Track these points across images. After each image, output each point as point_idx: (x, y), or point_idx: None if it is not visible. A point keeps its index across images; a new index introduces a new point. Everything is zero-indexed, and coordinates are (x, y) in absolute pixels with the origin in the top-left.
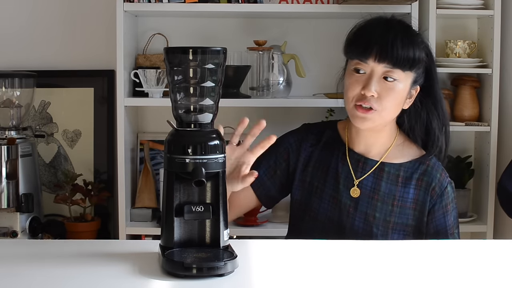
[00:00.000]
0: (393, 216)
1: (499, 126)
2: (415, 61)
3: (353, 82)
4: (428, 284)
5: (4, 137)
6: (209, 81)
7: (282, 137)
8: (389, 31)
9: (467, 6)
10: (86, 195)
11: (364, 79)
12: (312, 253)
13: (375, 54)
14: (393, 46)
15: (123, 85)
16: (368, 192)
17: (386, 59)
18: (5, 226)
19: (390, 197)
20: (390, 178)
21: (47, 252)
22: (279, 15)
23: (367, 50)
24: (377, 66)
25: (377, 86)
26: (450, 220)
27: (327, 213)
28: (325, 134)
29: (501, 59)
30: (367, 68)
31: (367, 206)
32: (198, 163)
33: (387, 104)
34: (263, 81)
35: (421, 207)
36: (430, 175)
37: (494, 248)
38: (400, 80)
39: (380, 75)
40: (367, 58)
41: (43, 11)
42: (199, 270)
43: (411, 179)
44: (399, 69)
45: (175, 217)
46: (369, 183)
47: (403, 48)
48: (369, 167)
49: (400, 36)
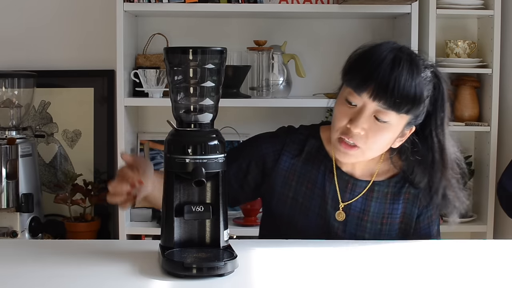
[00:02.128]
0: (383, 235)
1: (499, 126)
2: (414, 104)
3: (342, 113)
4: (428, 284)
5: (4, 137)
6: (209, 81)
7: (260, 140)
8: (393, 69)
9: (467, 6)
10: (86, 195)
11: (353, 112)
12: (312, 253)
13: (372, 91)
14: (393, 87)
15: (123, 85)
16: (357, 214)
17: (381, 98)
18: (5, 226)
19: (379, 216)
20: (379, 197)
21: (47, 252)
22: (279, 15)
23: (364, 83)
24: (371, 103)
25: (366, 124)
26: (434, 230)
27: (315, 231)
28: (308, 143)
29: (501, 59)
30: (359, 101)
31: (356, 228)
32: (198, 163)
33: (373, 145)
34: (263, 81)
35: (408, 220)
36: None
37: (494, 248)
38: (392, 122)
39: (372, 112)
40: (362, 92)
41: (43, 11)
42: (199, 270)
43: (400, 194)
44: (394, 112)
45: (175, 217)
46: (358, 204)
47: (403, 90)
48: (359, 188)
49: (403, 75)
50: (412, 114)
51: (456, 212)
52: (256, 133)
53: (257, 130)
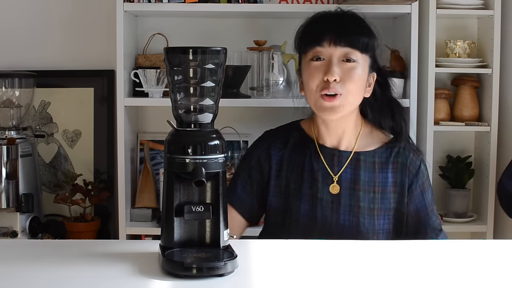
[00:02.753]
0: (376, 203)
1: (499, 126)
2: (370, 43)
3: (313, 70)
4: (428, 284)
5: (4, 137)
6: (209, 81)
7: (250, 151)
8: (341, 17)
9: (467, 6)
10: (86, 195)
11: (324, 65)
12: (312, 253)
13: (331, 37)
14: (348, 28)
15: (123, 85)
16: (348, 184)
17: (342, 40)
18: (5, 226)
19: (371, 185)
20: (367, 166)
21: (47, 252)
22: (279, 15)
23: (322, 34)
24: (335, 49)
25: (339, 70)
26: (428, 198)
27: (308, 213)
28: (292, 135)
29: (501, 59)
30: (325, 53)
31: (350, 198)
32: (198, 163)
33: (351, 86)
34: (263, 81)
35: (401, 189)
36: (403, 156)
37: (494, 248)
38: (359, 62)
39: (339, 57)
40: (323, 41)
41: (43, 11)
42: (199, 270)
43: (387, 163)
44: (357, 50)
45: (175, 217)
46: (348, 175)
47: (357, 30)
48: (345, 159)
49: (353, 21)
50: (370, 55)
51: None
52: (256, 133)
53: (257, 130)
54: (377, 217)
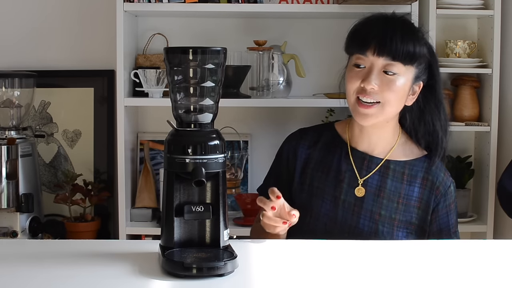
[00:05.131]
0: (398, 214)
1: (499, 126)
2: (416, 55)
3: (353, 76)
4: (429, 284)
5: (4, 137)
6: (209, 81)
7: (282, 145)
8: (388, 25)
9: (467, 6)
10: (86, 195)
11: (363, 73)
12: (312, 253)
13: (374, 47)
14: (392, 39)
15: (123, 85)
16: (374, 190)
17: (385, 52)
18: (5, 226)
19: (395, 195)
20: (395, 176)
21: (47, 252)
22: (279, 15)
23: (366, 43)
24: (377, 60)
25: (377, 80)
26: (453, 219)
27: (329, 213)
28: (324, 134)
29: (501, 59)
30: (366, 62)
31: (373, 204)
32: (198, 163)
33: (389, 96)
34: (263, 81)
35: (425, 206)
36: (434, 174)
37: (494, 248)
38: (401, 74)
39: (380, 68)
40: (366, 51)
41: (43, 11)
42: (199, 270)
43: (416, 177)
44: (400, 63)
45: (175, 217)
46: (374, 181)
47: (402, 42)
48: (374, 165)
49: (400, 30)
50: (416, 66)
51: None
52: (256, 133)
53: (257, 130)
54: (397, 228)
